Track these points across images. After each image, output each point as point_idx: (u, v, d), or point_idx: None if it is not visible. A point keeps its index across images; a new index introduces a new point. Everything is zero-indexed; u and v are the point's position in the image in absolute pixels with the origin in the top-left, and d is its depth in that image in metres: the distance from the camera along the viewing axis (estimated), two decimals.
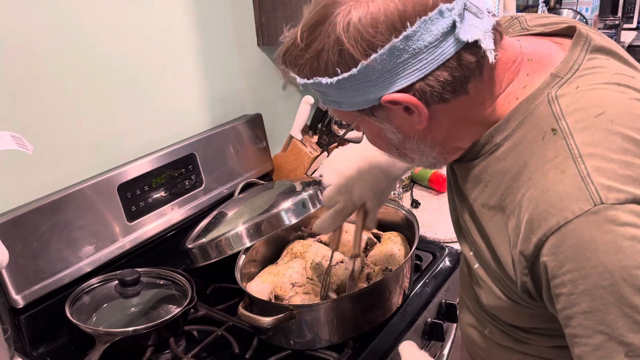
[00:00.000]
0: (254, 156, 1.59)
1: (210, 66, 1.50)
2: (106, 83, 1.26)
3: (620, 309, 0.57)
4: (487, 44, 0.63)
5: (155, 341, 1.10)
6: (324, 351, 1.05)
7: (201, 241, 1.22)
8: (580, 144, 0.61)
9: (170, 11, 1.38)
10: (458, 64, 0.63)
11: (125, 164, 1.29)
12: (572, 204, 0.59)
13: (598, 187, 0.58)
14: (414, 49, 0.62)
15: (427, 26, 0.61)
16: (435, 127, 0.69)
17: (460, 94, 0.66)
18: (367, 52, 0.62)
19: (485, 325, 0.85)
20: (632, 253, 0.56)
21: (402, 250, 1.21)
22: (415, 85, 0.64)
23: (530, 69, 0.70)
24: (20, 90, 1.11)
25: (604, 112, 0.62)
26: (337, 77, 0.64)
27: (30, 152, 0.91)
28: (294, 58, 0.66)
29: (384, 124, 0.70)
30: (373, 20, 0.61)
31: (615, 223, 0.57)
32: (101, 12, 1.22)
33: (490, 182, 0.70)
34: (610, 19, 3.78)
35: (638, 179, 0.58)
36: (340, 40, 0.62)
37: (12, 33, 1.08)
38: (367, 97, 0.66)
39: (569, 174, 0.60)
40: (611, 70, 0.68)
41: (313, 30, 0.64)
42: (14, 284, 1.08)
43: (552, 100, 0.65)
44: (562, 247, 0.59)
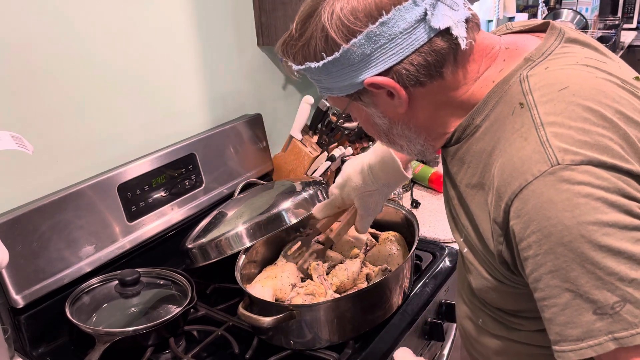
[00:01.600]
0: (254, 156, 1.59)
1: (210, 66, 1.51)
2: (106, 83, 1.26)
3: (582, 265, 0.59)
4: (459, 31, 0.69)
5: (155, 341, 1.10)
6: (324, 351, 1.05)
7: (201, 241, 1.22)
8: (543, 114, 0.65)
9: (170, 11, 1.38)
10: (431, 49, 0.70)
11: (125, 164, 1.29)
12: (532, 166, 0.62)
13: (555, 150, 0.61)
14: (390, 34, 0.68)
15: (402, 14, 0.68)
16: (417, 111, 0.75)
17: (436, 78, 0.72)
18: (347, 37, 0.69)
19: (478, 315, 0.87)
20: (588, 209, 0.59)
21: (400, 250, 1.21)
22: (392, 68, 0.70)
23: (507, 56, 0.75)
24: (20, 90, 1.11)
25: (568, 86, 0.66)
26: (323, 60, 0.71)
27: (30, 152, 0.91)
28: (290, 47, 0.75)
29: (371, 109, 0.77)
30: (353, 9, 0.69)
31: (571, 182, 0.60)
32: (101, 12, 1.23)
33: (472, 162, 0.74)
34: (610, 19, 3.79)
35: (594, 144, 0.61)
36: (325, 27, 0.70)
37: (12, 33, 1.08)
38: (352, 81, 0.72)
39: (530, 140, 0.64)
40: (582, 54, 0.72)
41: (305, 22, 0.72)
42: (14, 284, 1.08)
43: (522, 80, 0.70)
44: (525, 209, 0.62)
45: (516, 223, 0.63)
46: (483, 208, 0.71)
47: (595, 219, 0.58)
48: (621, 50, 3.51)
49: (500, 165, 0.67)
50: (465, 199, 0.76)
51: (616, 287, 0.58)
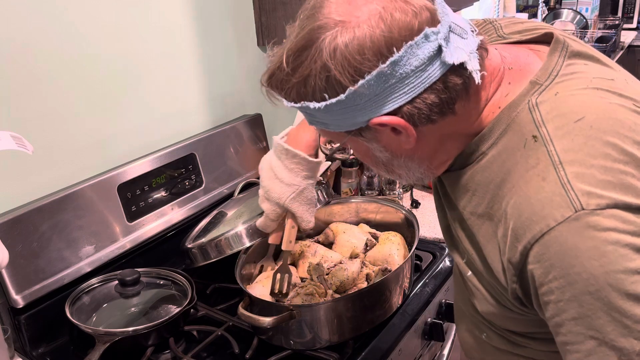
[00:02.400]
0: (254, 156, 1.59)
1: (210, 66, 1.51)
2: (106, 83, 1.26)
3: (609, 313, 0.57)
4: (473, 64, 0.64)
5: (155, 341, 1.10)
6: (324, 351, 1.05)
7: (201, 241, 1.22)
8: (561, 151, 0.62)
9: (170, 11, 1.38)
10: (445, 87, 0.64)
11: (125, 164, 1.29)
12: (554, 211, 0.59)
13: (578, 193, 0.59)
14: (401, 73, 0.62)
15: (414, 51, 0.62)
16: (423, 146, 0.70)
17: (448, 115, 0.67)
18: (354, 78, 0.62)
19: (482, 330, 0.85)
20: (616, 257, 0.57)
21: (400, 250, 1.21)
22: (403, 108, 0.64)
23: (511, 78, 0.71)
24: (20, 90, 1.11)
25: (583, 117, 0.63)
26: (325, 102, 0.64)
27: (30, 152, 0.91)
28: (280, 82, 0.67)
29: (372, 144, 0.71)
30: (360, 47, 0.61)
31: (597, 228, 0.57)
32: (101, 12, 1.22)
33: (477, 190, 0.71)
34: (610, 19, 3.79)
35: (618, 184, 0.59)
36: (327, 66, 0.62)
37: (12, 33, 1.08)
38: (355, 120, 0.66)
39: (549, 180, 0.61)
40: (589, 75, 0.69)
41: (299, 55, 0.64)
42: (14, 284, 1.08)
43: (532, 108, 0.66)
44: (547, 255, 0.60)
45: (536, 268, 0.61)
46: (491, 240, 0.69)
47: (624, 267, 0.56)
48: (621, 50, 3.51)
49: (516, 204, 0.63)
50: (469, 226, 0.73)
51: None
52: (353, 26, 0.61)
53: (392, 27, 0.61)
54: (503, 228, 0.65)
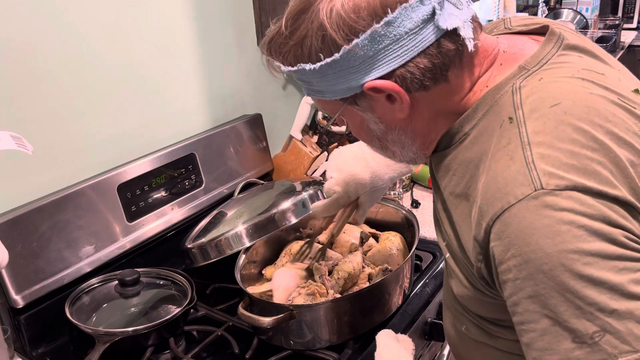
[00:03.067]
0: (254, 156, 1.59)
1: (210, 66, 1.50)
2: (106, 83, 1.26)
3: (562, 294, 0.58)
4: (467, 32, 0.66)
5: (155, 341, 1.10)
6: (324, 351, 1.05)
7: (201, 241, 1.22)
8: (531, 132, 0.62)
9: (170, 11, 1.38)
10: (438, 51, 0.65)
11: (125, 164, 1.29)
12: (516, 188, 0.60)
13: (540, 173, 0.59)
14: (395, 34, 0.64)
15: (408, 13, 0.63)
16: (416, 117, 0.71)
17: (440, 82, 0.68)
18: (349, 37, 0.64)
19: (462, 322, 0.86)
20: (570, 237, 0.57)
21: (400, 250, 1.21)
22: (396, 71, 0.66)
23: (504, 60, 0.72)
24: (20, 90, 1.11)
25: (560, 103, 0.63)
26: (320, 62, 0.66)
27: (30, 152, 0.91)
28: (279, 46, 0.68)
29: (367, 114, 0.72)
30: (355, 6, 0.63)
31: (554, 208, 0.58)
32: (101, 12, 1.22)
33: (458, 170, 0.71)
34: (610, 19, 3.79)
35: (582, 168, 0.59)
36: (323, 25, 0.64)
37: (12, 33, 1.08)
38: (349, 84, 0.67)
39: (516, 159, 0.61)
40: (579, 66, 0.69)
41: (297, 18, 0.66)
42: (13, 284, 1.08)
43: (515, 91, 0.67)
44: (506, 232, 0.60)
45: (496, 245, 0.62)
46: (466, 219, 0.69)
47: (577, 247, 0.57)
48: (621, 50, 3.51)
49: (485, 182, 0.64)
50: (448, 207, 0.73)
51: (596, 317, 0.57)
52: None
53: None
54: (475, 209, 0.66)
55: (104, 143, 1.28)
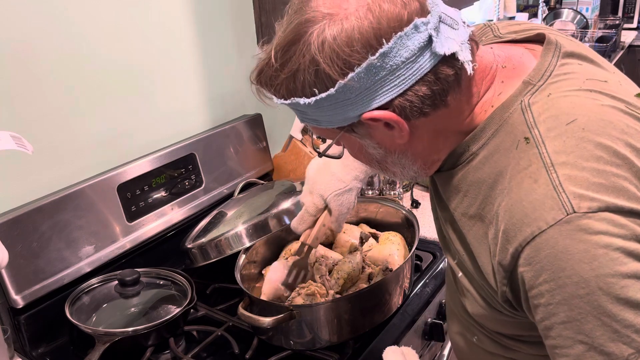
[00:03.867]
0: (254, 156, 1.59)
1: (210, 66, 1.50)
2: (106, 83, 1.26)
3: (598, 318, 0.57)
4: (465, 55, 0.64)
5: (155, 341, 1.10)
6: (324, 351, 1.05)
7: (201, 241, 1.22)
8: (552, 153, 0.61)
9: (170, 11, 1.38)
10: (436, 78, 0.64)
11: (125, 164, 1.29)
12: (545, 213, 0.59)
13: (570, 196, 0.58)
14: (391, 65, 0.62)
15: (403, 42, 0.61)
16: (416, 141, 0.70)
17: (440, 107, 0.66)
18: (344, 71, 0.61)
19: (473, 333, 0.85)
20: (607, 261, 0.56)
21: (400, 250, 1.21)
22: (394, 101, 0.64)
23: (504, 76, 0.70)
24: (20, 90, 1.11)
25: (575, 119, 0.62)
26: (315, 97, 0.63)
27: (30, 152, 0.91)
28: (270, 78, 0.66)
29: (365, 140, 0.70)
30: (348, 39, 0.60)
31: (588, 232, 0.57)
32: (101, 12, 1.22)
33: (469, 191, 0.70)
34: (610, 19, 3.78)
35: (610, 187, 0.58)
36: (315, 60, 0.61)
37: (12, 33, 1.08)
38: (346, 115, 0.66)
39: (541, 183, 0.60)
40: (583, 75, 0.68)
41: (287, 50, 0.63)
42: (13, 284, 1.08)
43: (524, 108, 0.66)
44: (538, 257, 0.59)
45: (527, 270, 0.60)
46: (482, 241, 0.68)
47: (615, 271, 0.56)
48: (621, 50, 3.51)
49: (508, 205, 0.63)
50: (460, 227, 0.72)
51: (632, 339, 0.56)
52: (341, 18, 0.61)
53: (380, 18, 0.61)
54: (494, 229, 0.65)
55: (104, 143, 1.28)
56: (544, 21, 3.37)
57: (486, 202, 0.67)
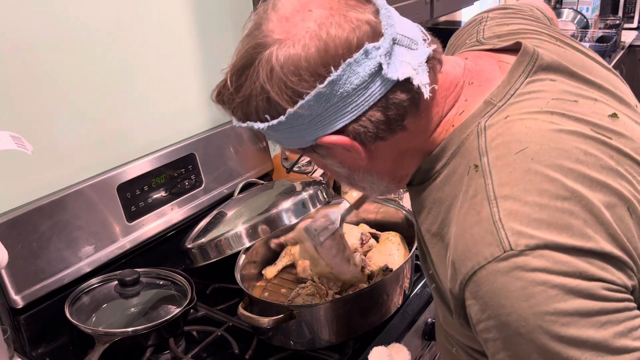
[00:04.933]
0: (254, 156, 1.59)
1: (210, 66, 1.50)
2: (106, 83, 1.26)
3: (542, 355, 0.55)
4: (421, 78, 0.61)
5: (155, 341, 1.10)
6: (324, 351, 1.05)
7: (201, 241, 1.22)
8: (497, 185, 0.59)
9: (170, 10, 1.38)
10: (390, 103, 0.62)
11: (125, 164, 1.28)
12: (484, 248, 0.57)
13: (508, 233, 0.56)
14: (342, 92, 0.60)
15: (353, 68, 0.60)
16: (378, 161, 0.69)
17: (398, 131, 0.65)
18: (293, 99, 0.61)
19: (452, 344, 0.84)
20: (545, 298, 0.54)
21: (400, 250, 1.21)
22: (348, 127, 0.63)
23: (470, 94, 0.68)
24: (20, 90, 1.11)
25: (526, 147, 0.60)
26: (267, 123, 0.63)
27: (30, 152, 0.91)
28: (227, 101, 0.66)
29: (327, 160, 0.70)
30: (295, 67, 0.59)
31: (525, 269, 0.55)
32: (101, 12, 1.22)
33: (432, 208, 0.69)
34: (610, 19, 3.78)
35: (552, 223, 0.56)
36: (265, 89, 0.61)
37: (12, 33, 1.08)
38: (302, 139, 0.66)
39: (483, 216, 0.59)
40: (549, 95, 0.66)
41: (240, 75, 0.63)
42: (13, 284, 1.08)
43: (480, 132, 0.64)
44: (480, 293, 0.58)
45: (472, 304, 0.59)
46: (443, 261, 0.66)
47: (553, 308, 0.54)
48: (622, 50, 3.50)
49: (455, 235, 0.62)
50: (427, 244, 0.71)
51: None
52: (289, 45, 0.60)
53: (328, 45, 0.59)
54: (449, 257, 0.63)
55: (104, 143, 1.28)
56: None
57: (444, 223, 0.66)
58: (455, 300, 0.63)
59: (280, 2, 0.64)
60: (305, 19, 0.61)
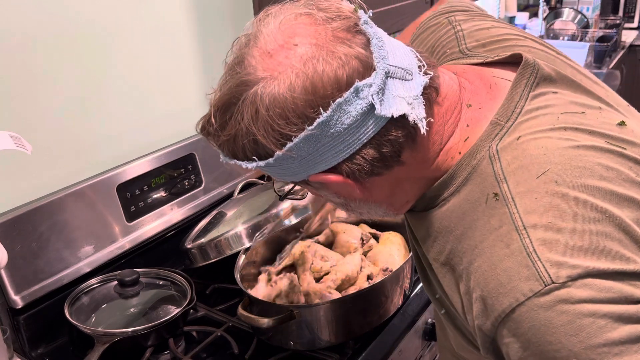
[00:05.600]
0: None
1: (210, 66, 1.50)
2: (106, 83, 1.26)
3: None
4: (417, 113, 0.59)
5: (154, 342, 1.10)
6: (324, 352, 1.05)
7: (200, 241, 1.22)
8: (523, 213, 0.56)
9: (170, 11, 1.37)
10: (385, 140, 0.59)
11: (124, 164, 1.28)
12: (522, 284, 0.54)
13: (547, 265, 0.53)
14: (332, 133, 0.58)
15: (343, 108, 0.57)
16: (375, 193, 0.66)
17: (394, 166, 0.62)
18: (281, 142, 0.58)
19: (456, 356, 0.81)
20: (594, 330, 0.51)
21: (400, 250, 1.21)
22: (341, 165, 0.61)
23: (470, 119, 0.65)
24: (19, 90, 1.11)
25: (547, 170, 0.58)
26: (255, 163, 0.61)
27: (29, 152, 0.91)
28: (212, 137, 0.64)
29: (322, 192, 0.68)
30: (282, 110, 0.57)
31: (570, 302, 0.52)
32: (101, 12, 1.22)
33: (438, 238, 0.66)
34: (611, 19, 3.78)
35: (590, 249, 0.54)
36: (251, 131, 0.58)
37: (11, 32, 1.08)
38: (295, 176, 0.64)
39: (514, 248, 0.55)
40: (558, 109, 0.63)
41: (224, 112, 0.61)
42: (13, 285, 1.08)
43: (493, 156, 0.61)
44: (521, 330, 0.55)
45: (511, 342, 0.55)
46: (455, 291, 0.63)
47: (605, 339, 0.51)
48: (622, 50, 3.50)
49: (482, 270, 0.58)
50: (435, 272, 0.68)
51: None
52: (273, 85, 0.57)
53: (315, 84, 0.56)
54: (465, 286, 0.60)
55: (103, 143, 1.28)
56: (544, 21, 3.37)
57: (454, 253, 0.63)
58: (485, 337, 0.59)
59: (262, 35, 0.61)
60: (289, 56, 0.57)
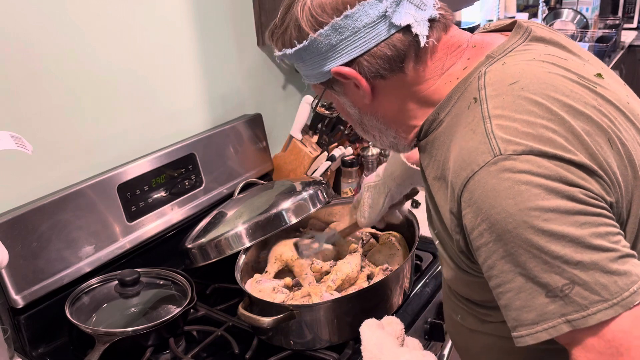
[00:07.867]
0: (254, 156, 1.59)
1: (210, 66, 1.50)
2: (106, 83, 1.26)
3: (528, 250, 0.61)
4: (420, 29, 0.74)
5: (155, 341, 1.10)
6: (324, 351, 1.05)
7: (201, 241, 1.22)
8: (491, 108, 0.68)
9: (170, 11, 1.38)
10: (391, 44, 0.75)
11: (125, 164, 1.28)
12: (478, 157, 0.65)
13: (499, 141, 0.64)
14: (353, 27, 0.74)
15: (365, 9, 0.73)
16: (383, 103, 0.80)
17: (397, 72, 0.77)
18: (315, 27, 0.76)
19: (456, 312, 0.89)
20: (528, 196, 0.61)
21: (400, 250, 1.21)
22: (356, 60, 0.76)
23: (472, 54, 0.78)
24: (20, 90, 1.11)
25: (518, 81, 0.69)
26: (295, 47, 0.78)
27: (30, 152, 0.91)
28: (273, 35, 0.82)
29: (342, 98, 0.83)
30: (321, 3, 0.75)
31: (512, 171, 0.62)
32: (101, 12, 1.22)
33: (436, 155, 0.76)
34: (610, 19, 3.79)
35: (537, 136, 0.63)
36: (297, 18, 0.77)
37: (12, 32, 1.08)
38: (321, 69, 0.79)
39: (478, 132, 0.67)
40: (542, 51, 0.74)
41: (286, 12, 0.79)
42: (13, 284, 1.08)
43: (480, 76, 0.73)
44: (473, 199, 0.65)
45: (467, 212, 0.66)
46: (445, 199, 0.73)
47: (536, 205, 0.60)
48: (621, 50, 3.51)
49: (453, 157, 0.70)
50: (432, 192, 0.77)
51: (563, 269, 0.60)
52: None
53: None
54: (449, 184, 0.70)
55: (104, 143, 1.28)
56: (544, 21, 3.37)
57: (445, 162, 0.73)
58: (455, 221, 0.70)
59: None
60: None
